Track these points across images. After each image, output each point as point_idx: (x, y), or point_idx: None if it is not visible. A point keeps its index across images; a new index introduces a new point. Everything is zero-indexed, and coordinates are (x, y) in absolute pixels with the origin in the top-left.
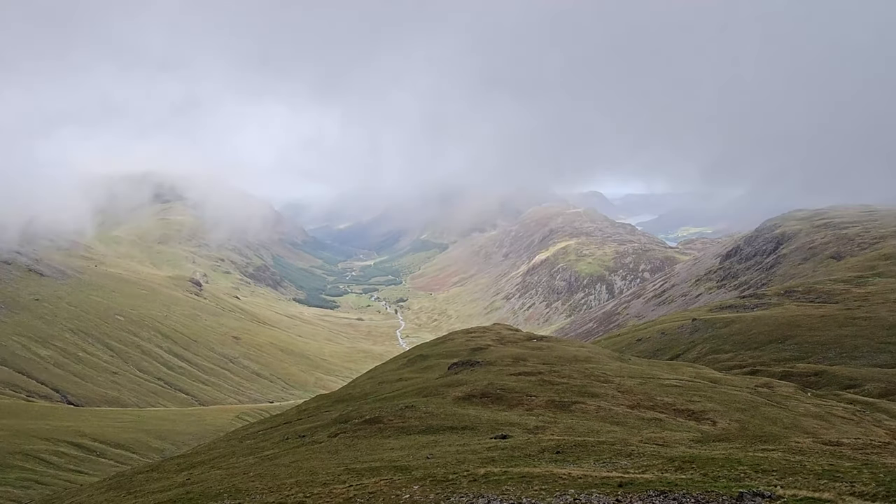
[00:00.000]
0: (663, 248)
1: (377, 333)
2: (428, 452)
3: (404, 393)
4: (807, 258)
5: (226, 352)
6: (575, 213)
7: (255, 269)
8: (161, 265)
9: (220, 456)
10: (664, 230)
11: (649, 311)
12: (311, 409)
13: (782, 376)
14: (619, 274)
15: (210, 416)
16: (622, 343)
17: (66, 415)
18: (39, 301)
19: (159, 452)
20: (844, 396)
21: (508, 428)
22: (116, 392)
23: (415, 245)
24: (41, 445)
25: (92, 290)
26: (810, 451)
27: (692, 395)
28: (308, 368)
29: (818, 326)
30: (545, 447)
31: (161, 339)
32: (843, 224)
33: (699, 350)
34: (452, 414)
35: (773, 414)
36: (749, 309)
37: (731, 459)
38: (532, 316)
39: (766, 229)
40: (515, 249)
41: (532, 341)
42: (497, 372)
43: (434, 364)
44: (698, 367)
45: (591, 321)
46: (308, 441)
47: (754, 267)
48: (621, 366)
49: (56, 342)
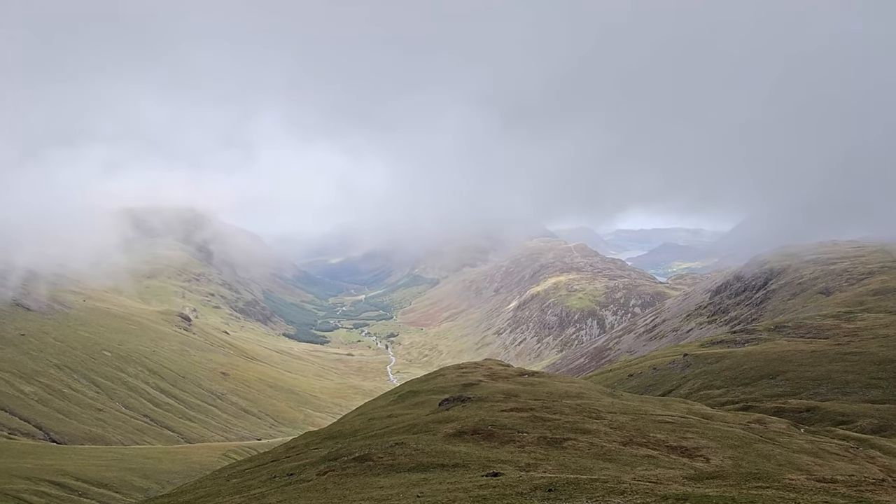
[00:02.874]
0: (653, 284)
1: (367, 369)
2: (418, 490)
3: (394, 430)
4: (796, 293)
5: (214, 388)
6: (566, 249)
7: (244, 303)
8: (150, 300)
9: (206, 495)
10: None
11: (640, 346)
12: (299, 446)
13: (775, 412)
14: (609, 309)
15: (196, 454)
16: (614, 379)
17: (48, 453)
18: (25, 336)
19: (143, 492)
20: (837, 432)
21: (500, 465)
22: (101, 429)
23: (406, 280)
24: (22, 485)
25: (79, 325)
26: (804, 489)
27: (685, 431)
28: (297, 405)
29: (809, 362)
30: (537, 485)
31: (148, 374)
32: (831, 260)
33: (691, 386)
34: (443, 451)
35: (766, 450)
36: (740, 344)
37: (725, 497)
38: (523, 351)
39: (756, 264)
40: (507, 284)
41: (523, 377)
42: (488, 408)
43: (425, 400)
44: (690, 403)
45: (583, 356)
46: (296, 479)
47: (744, 302)
48: (613, 402)
49: (41, 378)
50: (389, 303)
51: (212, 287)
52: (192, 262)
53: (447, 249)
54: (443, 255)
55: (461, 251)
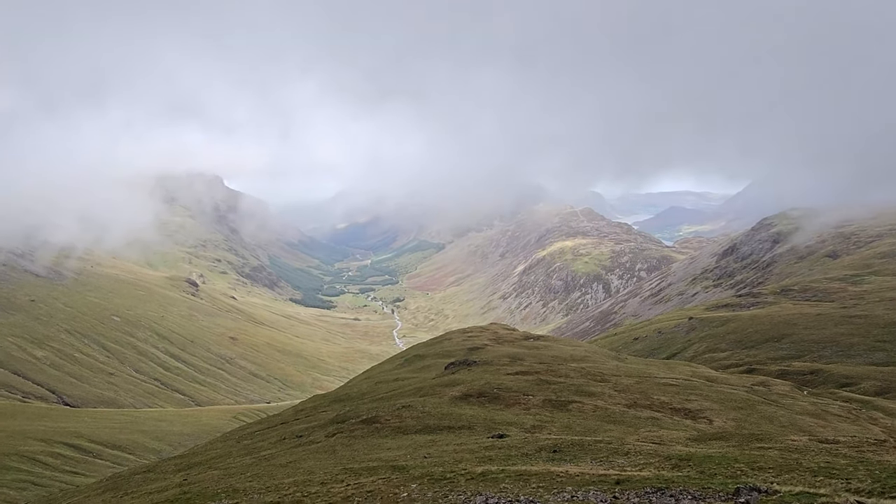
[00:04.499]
0: (660, 248)
1: (374, 333)
2: (425, 452)
3: (401, 393)
4: (803, 257)
5: (222, 352)
6: (571, 213)
7: (251, 269)
8: (157, 265)
9: (217, 456)
10: (661, 229)
11: (646, 310)
12: (308, 409)
13: (778, 375)
14: (615, 273)
15: (207, 417)
16: (619, 342)
17: (62, 416)
18: (35, 302)
19: (156, 453)
20: (840, 395)
21: (505, 427)
22: (113, 393)
23: (411, 245)
24: (37, 447)
25: (88, 290)
26: (806, 449)
27: (689, 393)
28: (305, 369)
29: (814, 325)
30: (542, 446)
31: (157, 339)
32: (840, 223)
33: (696, 349)
34: (449, 413)
35: (769, 412)
36: (745, 308)
37: (728, 457)
38: (529, 315)
39: (763, 228)
40: (512, 249)
41: (529, 341)
42: (494, 371)
43: (431, 364)
44: (695, 366)
45: (588, 320)
46: (305, 441)
47: (751, 266)
48: (618, 365)
49: (52, 343)
50: (395, 267)
51: (218, 253)
52: (199, 227)
53: (453, 214)
54: (449, 219)
55: (468, 216)
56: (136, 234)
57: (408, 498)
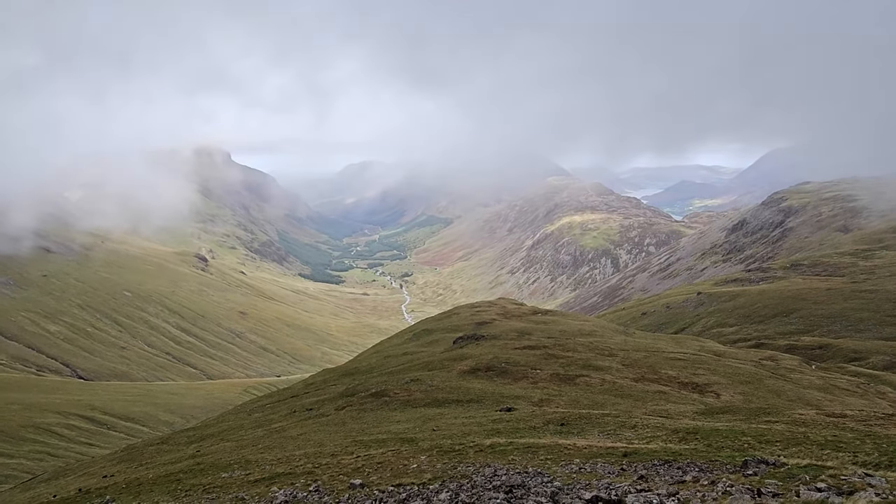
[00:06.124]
0: (669, 222)
1: (382, 308)
2: (434, 425)
3: (410, 367)
4: (814, 231)
5: (232, 327)
6: (580, 188)
7: (260, 244)
8: (167, 241)
9: (229, 429)
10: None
11: (654, 284)
12: (317, 382)
13: (787, 349)
14: (624, 248)
15: (218, 390)
16: (627, 317)
17: (76, 389)
18: (47, 277)
19: (169, 425)
20: (849, 369)
21: (513, 401)
22: (125, 366)
23: (419, 220)
24: (53, 419)
25: (99, 266)
26: (814, 423)
27: (696, 368)
28: (314, 343)
29: (824, 300)
30: (550, 419)
31: (168, 314)
32: (851, 196)
33: (704, 324)
34: (458, 387)
35: (777, 386)
36: (754, 282)
37: (735, 431)
38: (537, 290)
39: (773, 202)
40: (520, 224)
41: (537, 315)
42: (502, 346)
43: (439, 338)
44: (703, 341)
45: (596, 295)
46: (315, 414)
47: (760, 240)
48: (626, 339)
49: (65, 318)
50: (403, 242)
51: (227, 228)
52: (207, 203)
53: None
54: (457, 194)
55: (477, 190)
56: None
57: (417, 469)
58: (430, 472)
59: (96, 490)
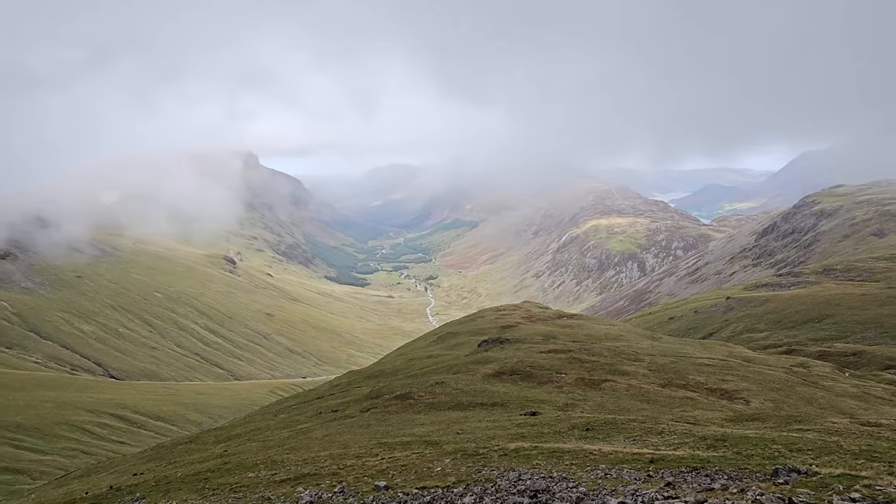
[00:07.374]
0: (697, 226)
1: (407, 311)
2: (458, 428)
3: (434, 369)
4: (847, 235)
5: (259, 328)
6: (606, 191)
7: (286, 246)
8: (195, 243)
9: (256, 429)
10: (698, 207)
11: (682, 289)
12: (343, 384)
13: (819, 356)
14: (651, 252)
15: (245, 391)
16: (654, 321)
17: (108, 388)
18: (81, 278)
19: (197, 425)
20: (884, 377)
21: (538, 405)
22: (155, 366)
23: (445, 223)
24: (85, 417)
25: (131, 267)
26: (847, 432)
27: (725, 374)
28: (340, 345)
29: (858, 305)
30: (575, 424)
31: (197, 315)
32: (886, 200)
33: (733, 329)
34: (482, 391)
35: (808, 394)
36: (785, 287)
37: (765, 438)
38: (562, 294)
39: (805, 206)
40: (546, 227)
41: (562, 319)
42: (527, 349)
43: (464, 341)
44: (732, 346)
45: (622, 299)
46: (341, 415)
47: (792, 244)
48: (653, 344)
49: (98, 318)
50: (429, 245)
51: (254, 230)
52: (235, 205)
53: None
54: (483, 197)
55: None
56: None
57: (441, 472)
58: (454, 476)
59: (127, 487)
